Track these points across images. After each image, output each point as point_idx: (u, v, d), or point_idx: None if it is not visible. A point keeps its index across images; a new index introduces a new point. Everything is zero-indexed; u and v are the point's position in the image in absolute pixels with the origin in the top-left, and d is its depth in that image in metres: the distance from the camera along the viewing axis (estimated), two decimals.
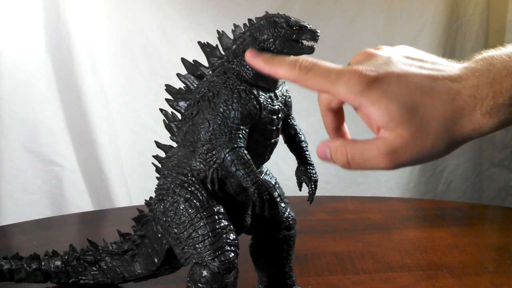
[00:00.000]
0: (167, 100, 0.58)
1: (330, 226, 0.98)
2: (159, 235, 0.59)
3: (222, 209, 0.54)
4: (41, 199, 1.43)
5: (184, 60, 0.56)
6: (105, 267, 0.66)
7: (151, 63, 1.53)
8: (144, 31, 1.51)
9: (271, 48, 0.51)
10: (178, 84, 0.58)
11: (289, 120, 0.58)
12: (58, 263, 0.68)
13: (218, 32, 0.55)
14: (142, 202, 0.64)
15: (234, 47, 0.54)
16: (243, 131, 0.52)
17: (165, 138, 0.61)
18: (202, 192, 0.54)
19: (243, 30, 0.54)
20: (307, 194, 0.58)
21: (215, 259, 0.51)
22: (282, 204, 0.61)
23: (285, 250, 0.61)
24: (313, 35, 0.49)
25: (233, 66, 0.53)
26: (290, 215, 0.61)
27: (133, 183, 1.55)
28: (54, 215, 1.38)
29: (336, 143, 0.42)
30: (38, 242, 0.90)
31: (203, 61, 0.57)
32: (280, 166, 1.44)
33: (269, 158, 0.57)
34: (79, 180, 1.47)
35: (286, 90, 0.57)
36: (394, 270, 0.77)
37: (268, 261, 0.62)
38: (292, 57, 0.44)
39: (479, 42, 1.67)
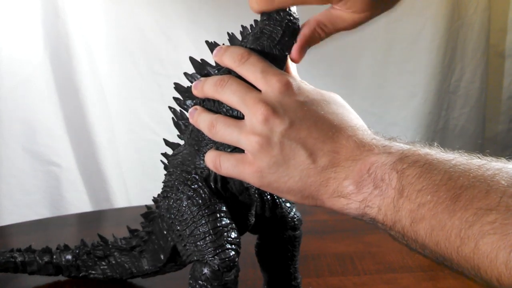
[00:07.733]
0: (174, 98, 0.57)
1: (331, 226, 0.98)
2: (165, 232, 0.59)
3: (224, 207, 0.53)
4: (39, 200, 1.42)
5: (192, 59, 0.56)
6: (114, 262, 0.67)
7: (150, 63, 1.52)
8: (143, 30, 1.50)
9: None
10: (185, 83, 0.57)
11: None
12: (69, 257, 0.69)
13: (228, 34, 0.54)
14: (141, 203, 0.64)
15: None
16: None
17: (165, 137, 0.61)
18: (205, 190, 0.53)
19: (250, 32, 0.53)
20: None
21: (216, 257, 0.50)
22: (288, 204, 0.61)
23: (290, 251, 0.61)
24: None
25: None
26: (295, 216, 0.61)
27: (132, 184, 1.55)
28: (53, 215, 1.37)
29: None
30: (37, 243, 0.89)
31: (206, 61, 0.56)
32: None
33: None
34: (77, 180, 1.46)
35: None
36: (395, 271, 0.76)
37: (273, 261, 0.62)
38: None
39: (480, 41, 1.67)
